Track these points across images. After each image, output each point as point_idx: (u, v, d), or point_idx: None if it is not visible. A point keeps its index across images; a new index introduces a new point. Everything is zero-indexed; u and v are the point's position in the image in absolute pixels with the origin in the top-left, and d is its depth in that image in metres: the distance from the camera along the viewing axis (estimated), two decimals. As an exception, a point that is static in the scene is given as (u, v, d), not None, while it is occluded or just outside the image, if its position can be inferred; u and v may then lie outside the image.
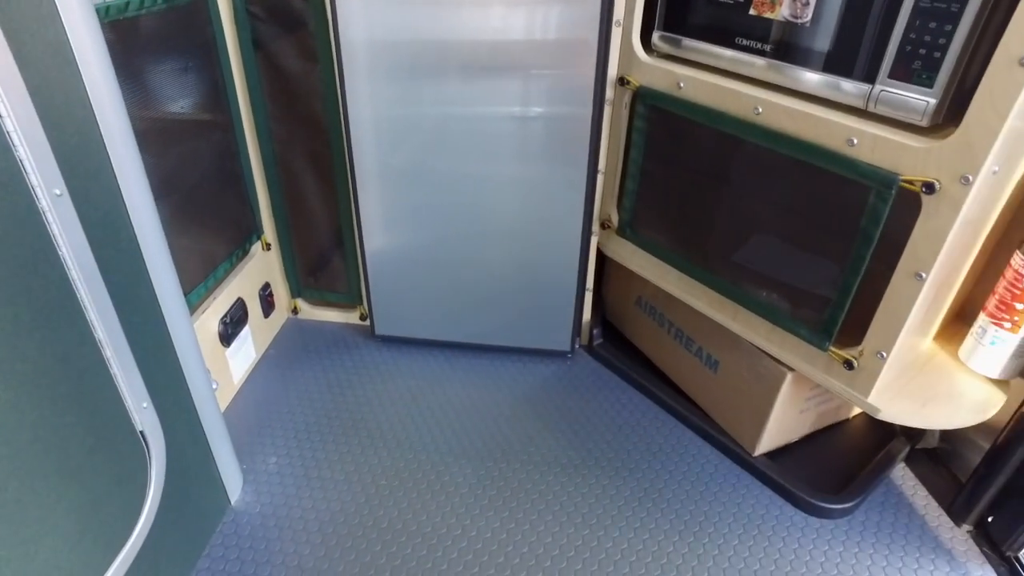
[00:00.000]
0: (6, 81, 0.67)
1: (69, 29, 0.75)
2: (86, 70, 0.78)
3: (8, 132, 0.68)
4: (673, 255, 1.31)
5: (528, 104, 1.27)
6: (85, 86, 0.78)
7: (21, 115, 0.69)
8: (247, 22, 1.30)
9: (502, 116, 1.28)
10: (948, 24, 0.84)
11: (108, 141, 0.82)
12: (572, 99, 1.26)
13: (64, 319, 0.78)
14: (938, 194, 0.89)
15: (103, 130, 0.82)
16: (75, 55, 0.76)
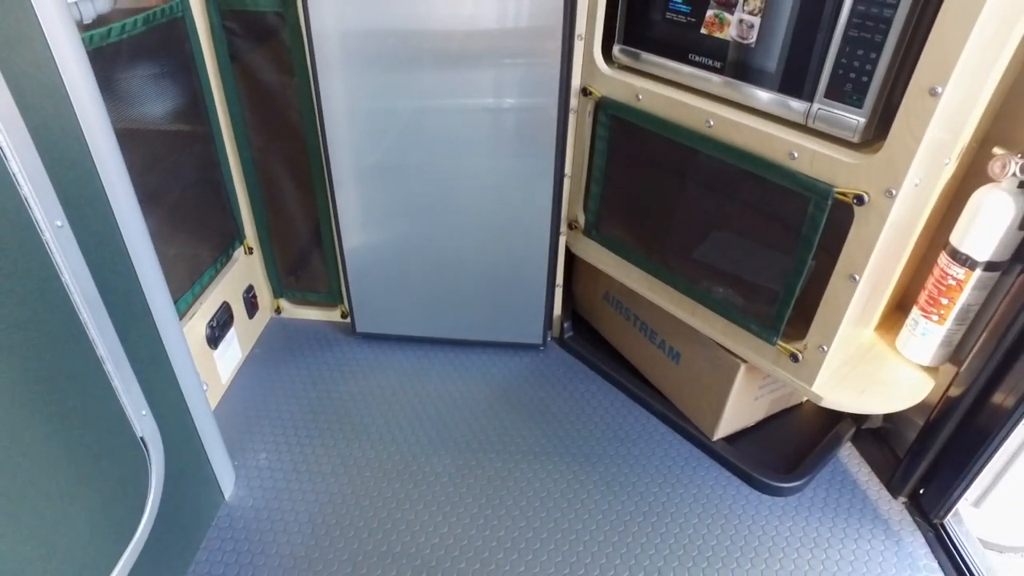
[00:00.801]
0: (10, 125, 0.73)
1: (63, 71, 0.81)
2: (80, 108, 0.83)
3: (13, 173, 0.74)
4: (636, 255, 1.39)
5: (497, 111, 1.33)
6: (80, 124, 0.84)
7: (24, 156, 0.75)
8: (224, 37, 1.34)
9: (473, 123, 1.35)
10: (873, 52, 0.93)
11: (102, 172, 0.88)
12: (538, 107, 1.33)
13: (69, 340, 0.84)
14: (867, 205, 0.98)
15: (97, 162, 0.87)
16: (70, 96, 0.82)
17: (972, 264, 1.08)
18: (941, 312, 1.15)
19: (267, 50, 1.37)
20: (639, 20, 1.22)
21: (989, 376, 1.16)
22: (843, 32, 0.95)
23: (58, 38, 0.79)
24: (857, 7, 0.92)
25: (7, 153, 0.73)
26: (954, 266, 1.10)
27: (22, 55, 0.74)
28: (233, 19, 1.33)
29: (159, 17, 1.20)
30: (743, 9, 1.06)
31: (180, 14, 1.26)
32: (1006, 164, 1.02)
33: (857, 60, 0.95)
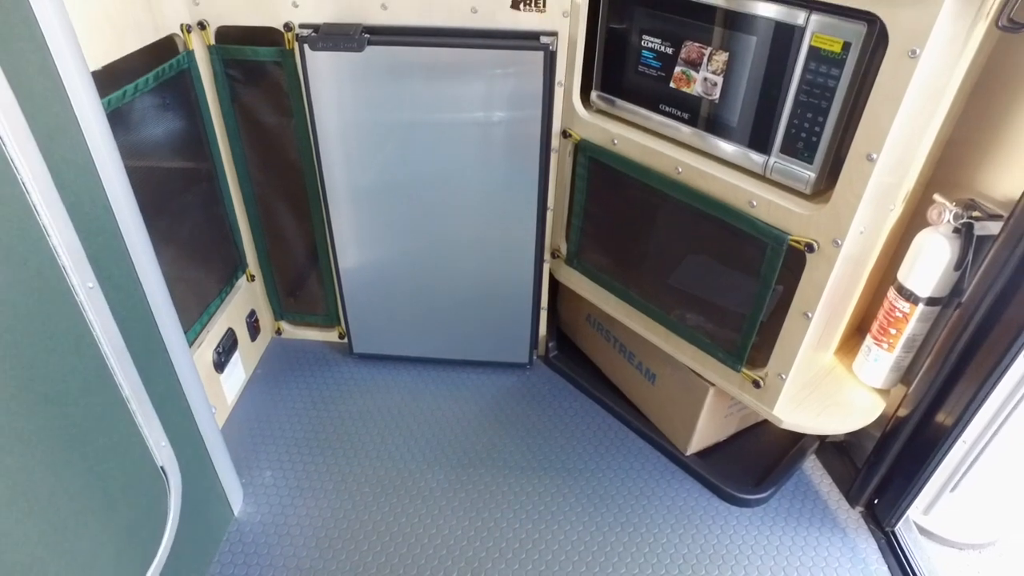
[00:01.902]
0: (52, 207, 0.82)
1: (94, 152, 0.90)
2: (107, 182, 0.93)
3: (54, 247, 0.83)
4: (614, 284, 1.50)
5: (484, 148, 1.43)
6: (107, 195, 0.93)
7: (62, 231, 0.84)
8: (226, 83, 1.43)
9: (462, 159, 1.44)
10: (820, 116, 1.03)
11: (126, 234, 0.98)
12: (522, 146, 1.42)
13: (99, 386, 0.94)
14: (817, 252, 1.09)
15: (122, 227, 0.97)
16: (99, 173, 0.91)
17: (915, 299, 1.20)
18: (890, 341, 1.26)
19: (266, 94, 1.45)
20: (614, 70, 1.31)
21: (933, 398, 1.27)
22: (794, 96, 1.05)
23: (90, 124, 0.89)
24: (805, 76, 1.03)
25: (49, 231, 0.82)
26: (900, 300, 1.22)
27: (62, 144, 0.83)
28: (235, 67, 1.42)
29: (168, 72, 1.29)
30: (707, 68, 1.16)
31: (187, 66, 1.35)
32: (942, 212, 1.13)
33: (807, 122, 1.06)
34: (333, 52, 1.31)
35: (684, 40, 1.17)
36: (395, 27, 1.33)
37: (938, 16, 0.85)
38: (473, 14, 1.30)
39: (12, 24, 0.76)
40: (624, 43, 1.26)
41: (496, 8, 1.30)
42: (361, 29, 1.30)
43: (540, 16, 1.30)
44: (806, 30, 1.00)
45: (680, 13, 1.15)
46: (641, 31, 1.23)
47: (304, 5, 1.32)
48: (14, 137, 0.76)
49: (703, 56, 1.15)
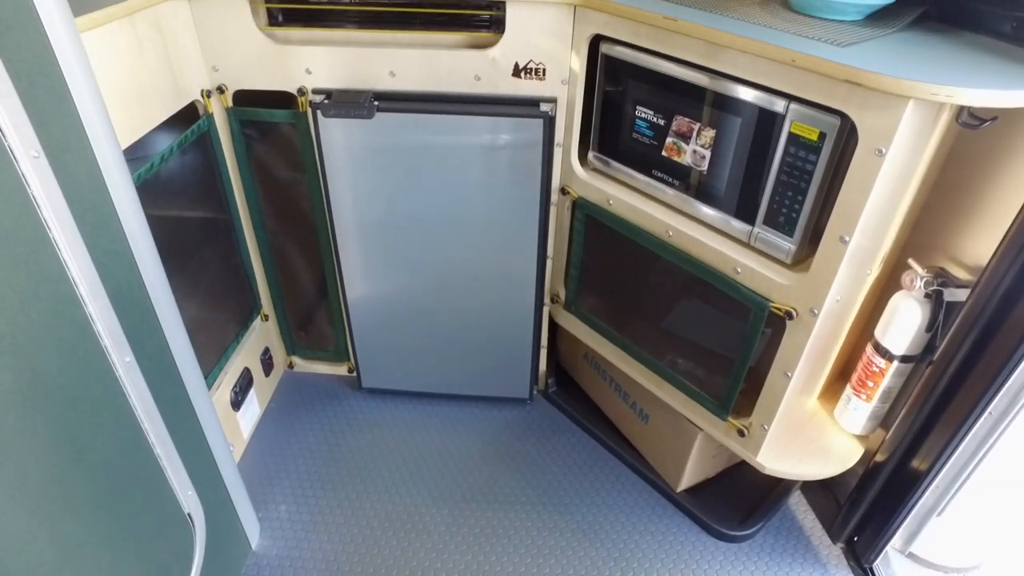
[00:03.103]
0: (96, 297, 0.91)
1: (132, 241, 0.98)
2: (143, 265, 1.01)
3: (98, 332, 0.92)
4: (609, 329, 1.58)
5: (488, 202, 1.50)
6: (142, 277, 1.01)
7: (105, 316, 0.93)
8: (243, 142, 1.51)
9: (466, 211, 1.52)
10: (800, 195, 1.11)
11: (159, 310, 1.06)
12: (523, 201, 1.50)
13: (135, 449, 1.03)
14: (796, 320, 1.17)
15: (155, 304, 1.05)
16: (136, 259, 0.99)
17: (891, 357, 1.28)
18: (868, 392, 1.34)
19: (281, 151, 1.54)
20: (610, 134, 1.39)
21: (908, 444, 1.35)
22: (776, 175, 1.13)
23: (127, 212, 0.97)
24: (786, 158, 1.11)
25: (94, 318, 0.91)
26: (877, 356, 1.30)
27: (104, 238, 0.92)
28: (251, 127, 1.50)
29: (190, 137, 1.37)
30: (696, 142, 1.24)
31: (207, 128, 1.43)
32: (914, 279, 1.21)
33: (787, 199, 1.14)
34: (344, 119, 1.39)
35: (675, 114, 1.25)
36: (403, 93, 1.41)
37: (901, 120, 0.93)
38: (476, 81, 1.38)
39: (62, 127, 0.84)
40: (619, 111, 1.34)
41: (498, 76, 1.37)
42: (371, 96, 1.38)
43: (540, 83, 1.38)
44: (786, 118, 1.08)
45: (670, 89, 1.23)
46: (635, 102, 1.30)
47: (317, 72, 1.40)
48: (65, 239, 0.85)
49: (692, 130, 1.23)
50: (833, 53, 0.98)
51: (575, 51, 1.33)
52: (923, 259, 1.25)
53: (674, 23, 1.13)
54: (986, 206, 1.18)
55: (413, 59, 1.37)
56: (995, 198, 1.18)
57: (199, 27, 1.36)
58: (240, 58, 1.40)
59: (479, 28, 1.39)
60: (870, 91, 0.93)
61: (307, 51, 1.38)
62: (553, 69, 1.36)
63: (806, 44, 1.01)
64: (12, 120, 0.76)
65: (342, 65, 1.39)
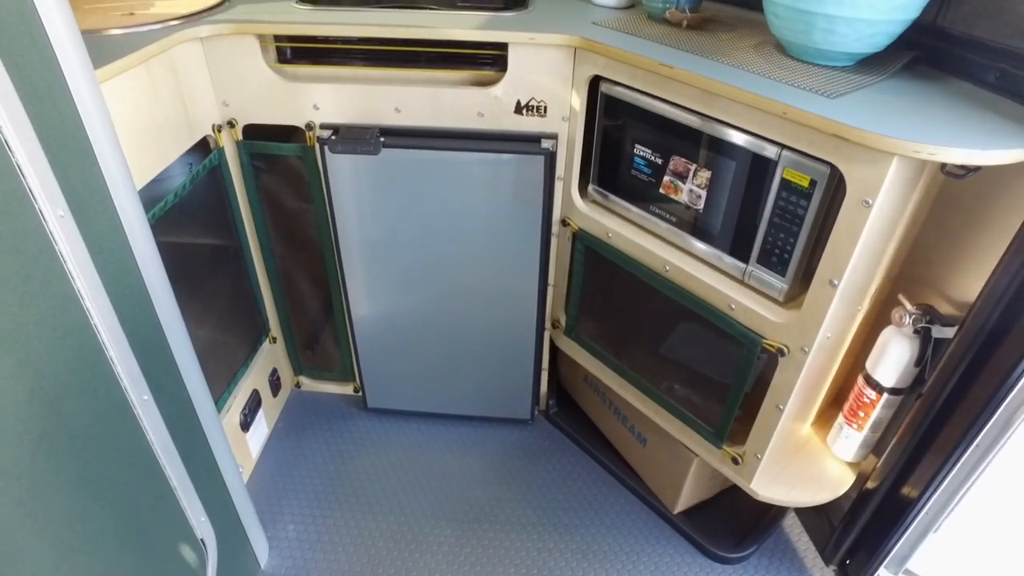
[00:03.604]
0: (117, 342, 0.95)
1: (148, 281, 1.03)
2: (159, 305, 1.06)
3: (119, 374, 0.96)
4: (608, 356, 1.62)
5: (490, 233, 1.54)
6: (159, 317, 1.06)
7: (125, 359, 0.97)
8: (252, 173, 1.56)
9: (470, 240, 1.56)
10: (791, 237, 1.15)
11: (174, 347, 1.11)
12: (525, 231, 1.54)
13: (152, 482, 1.07)
14: (787, 356, 1.21)
15: (170, 341, 1.10)
16: (153, 300, 1.04)
17: (881, 389, 1.32)
18: (859, 422, 1.38)
19: (289, 182, 1.58)
20: (609, 169, 1.43)
21: (899, 472, 1.39)
22: (769, 217, 1.17)
23: (144, 257, 1.01)
24: (778, 202, 1.15)
25: (115, 361, 0.95)
26: (868, 388, 1.33)
27: (124, 284, 0.96)
28: (260, 159, 1.54)
29: (202, 172, 1.41)
30: (692, 181, 1.28)
31: (217, 162, 1.47)
32: (903, 316, 1.24)
33: (780, 240, 1.17)
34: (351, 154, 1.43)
35: (672, 154, 1.29)
36: (408, 128, 1.45)
37: (887, 174, 0.97)
38: (480, 117, 1.43)
39: (85, 185, 0.88)
40: (619, 148, 1.38)
41: (501, 113, 1.42)
42: (377, 132, 1.43)
43: (541, 120, 1.42)
44: (778, 164, 1.12)
45: (668, 130, 1.27)
46: (634, 140, 1.34)
47: (324, 107, 1.45)
48: (89, 290, 0.89)
49: (689, 170, 1.27)
50: (823, 106, 1.02)
51: (575, 90, 1.37)
52: (913, 294, 1.29)
53: (670, 70, 1.17)
54: (973, 245, 1.22)
55: (418, 96, 1.41)
56: (982, 238, 1.21)
57: (211, 65, 1.40)
58: (250, 94, 1.44)
59: (482, 67, 1.43)
60: (857, 146, 0.97)
61: (315, 87, 1.43)
62: (554, 106, 1.40)
63: (797, 96, 1.05)
64: (42, 183, 0.80)
65: (349, 101, 1.43)
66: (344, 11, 1.45)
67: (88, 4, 1.40)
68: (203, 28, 1.34)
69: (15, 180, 0.76)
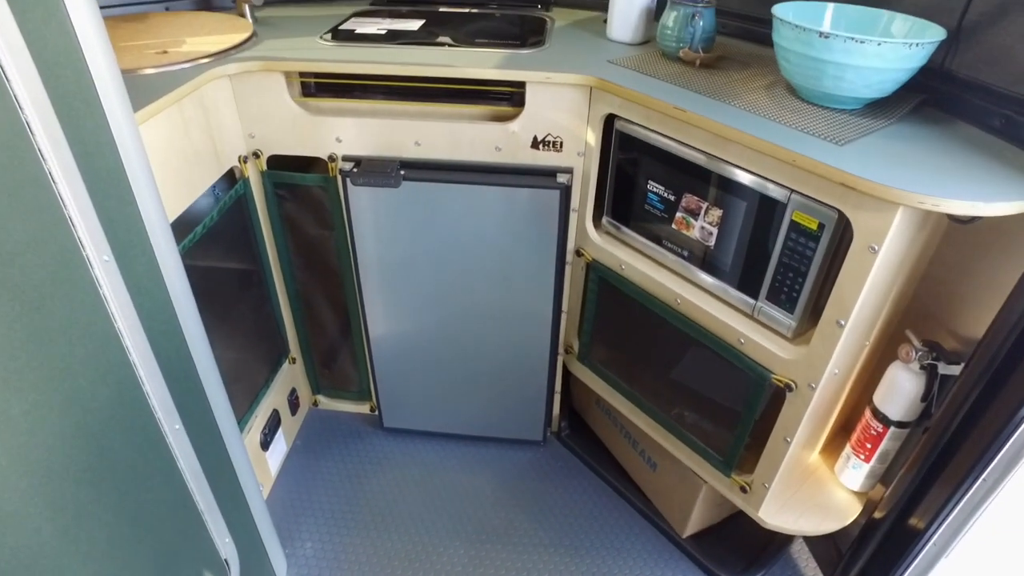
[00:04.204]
0: (149, 369, 1.00)
1: (180, 314, 1.08)
2: (190, 338, 1.10)
3: (153, 407, 1.01)
4: (619, 382, 1.65)
5: (506, 261, 1.59)
6: (189, 348, 1.11)
7: (158, 389, 1.02)
8: (276, 202, 1.61)
9: (488, 265, 1.61)
10: (800, 277, 1.19)
11: (203, 378, 1.15)
12: (540, 260, 1.58)
13: (182, 507, 1.12)
14: (795, 392, 1.24)
15: (200, 372, 1.14)
16: (184, 333, 1.09)
17: (887, 422, 1.34)
18: (866, 453, 1.41)
19: (311, 210, 1.63)
20: (623, 203, 1.47)
21: (906, 503, 1.42)
22: (778, 257, 1.21)
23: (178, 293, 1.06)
24: (787, 243, 1.18)
25: (149, 392, 1.00)
26: (875, 420, 1.36)
27: (160, 321, 1.01)
28: (284, 188, 1.59)
29: (228, 202, 1.47)
30: (704, 218, 1.31)
31: (243, 192, 1.53)
32: (909, 352, 1.27)
33: (788, 279, 1.21)
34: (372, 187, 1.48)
35: (684, 191, 1.32)
36: (427, 161, 1.50)
37: (893, 222, 1.00)
38: (497, 151, 1.47)
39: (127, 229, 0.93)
40: (632, 183, 1.42)
41: (518, 148, 1.46)
42: (397, 165, 1.47)
43: (557, 155, 1.46)
44: (787, 206, 1.15)
45: (680, 169, 1.31)
46: (647, 176, 1.38)
47: (346, 140, 1.50)
48: (128, 329, 0.94)
49: (701, 208, 1.31)
50: (831, 154, 1.05)
51: (591, 127, 1.41)
52: (921, 328, 1.32)
53: (683, 114, 1.21)
54: (980, 283, 1.25)
55: (437, 130, 1.46)
56: (989, 276, 1.24)
57: (238, 99, 1.46)
58: (275, 126, 1.49)
59: (500, 102, 1.48)
60: (864, 194, 1.01)
61: (337, 121, 1.48)
62: (570, 142, 1.44)
63: (806, 143, 1.09)
64: (89, 232, 0.85)
65: (370, 134, 1.48)
66: (367, 47, 1.50)
67: (123, 42, 1.46)
68: (232, 66, 1.40)
69: (67, 232, 0.82)
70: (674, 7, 1.41)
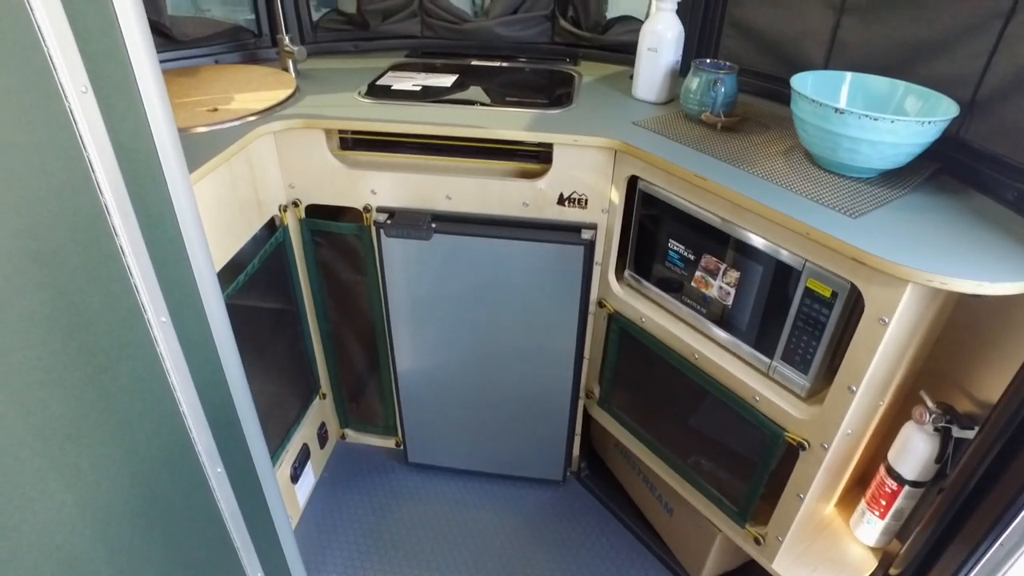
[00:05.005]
0: (196, 418, 1.08)
1: (224, 363, 1.15)
2: (233, 387, 1.18)
3: (199, 453, 1.09)
4: (638, 429, 1.70)
5: (531, 309, 1.65)
6: (232, 396, 1.18)
7: (203, 436, 1.09)
8: (312, 247, 1.69)
9: (510, 316, 1.67)
10: (814, 341, 1.23)
11: (244, 425, 1.23)
12: (564, 310, 1.64)
13: (222, 545, 1.19)
14: (808, 451, 1.28)
15: (241, 418, 1.22)
16: (228, 382, 1.16)
17: (902, 481, 1.37)
18: (881, 510, 1.43)
19: (345, 257, 1.71)
20: (645, 259, 1.53)
21: (921, 561, 1.43)
22: (793, 320, 1.25)
23: (223, 343, 1.14)
24: (802, 308, 1.22)
25: (196, 439, 1.08)
26: (889, 479, 1.39)
27: (206, 371, 1.09)
28: (321, 236, 1.68)
29: (269, 250, 1.55)
30: (722, 279, 1.36)
31: (283, 239, 1.62)
32: (923, 414, 1.30)
33: (803, 342, 1.25)
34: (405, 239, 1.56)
35: (704, 252, 1.38)
36: (458, 214, 1.57)
37: (903, 297, 1.04)
38: (525, 207, 1.54)
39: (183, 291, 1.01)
40: (654, 240, 1.48)
41: (544, 204, 1.53)
42: (429, 218, 1.55)
43: (582, 211, 1.53)
44: (802, 273, 1.20)
45: (700, 231, 1.36)
46: (668, 235, 1.44)
47: (381, 192, 1.58)
48: (181, 388, 1.02)
49: (719, 269, 1.36)
50: (844, 228, 1.10)
51: (615, 186, 1.48)
52: (936, 388, 1.34)
53: (703, 181, 1.26)
54: (996, 347, 1.27)
55: (468, 185, 1.53)
56: (1005, 342, 1.27)
57: (281, 153, 1.55)
58: (314, 177, 1.58)
59: (528, 159, 1.55)
60: (874, 270, 1.05)
61: (373, 174, 1.56)
62: (594, 199, 1.50)
63: (820, 215, 1.13)
64: (150, 296, 0.93)
65: (404, 187, 1.56)
66: (402, 105, 1.58)
67: (177, 98, 1.56)
68: (277, 123, 1.49)
69: (133, 298, 0.90)
70: (697, 72, 1.48)
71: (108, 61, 0.80)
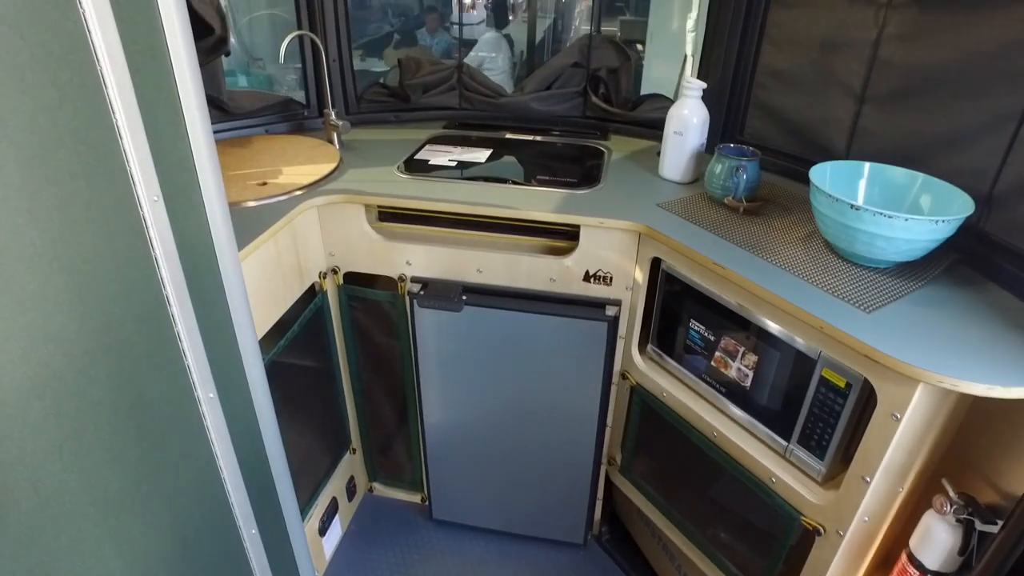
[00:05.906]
0: (235, 484, 1.15)
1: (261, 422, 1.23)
2: (269, 447, 1.25)
3: (237, 517, 1.16)
4: (658, 500, 1.72)
5: (556, 378, 1.70)
6: (268, 456, 1.26)
7: (240, 498, 1.17)
8: (348, 311, 1.78)
9: (536, 384, 1.72)
10: (829, 428, 1.25)
11: (278, 485, 1.30)
12: (588, 380, 1.69)
13: (249, 606, 1.25)
14: (823, 537, 1.29)
15: (275, 478, 1.29)
16: (264, 442, 1.24)
17: (924, 570, 1.36)
18: (901, 597, 1.42)
19: (379, 321, 1.80)
20: (667, 335, 1.57)
21: (944, 652, 1.41)
22: (809, 407, 1.28)
23: (263, 408, 1.22)
24: (817, 395, 1.25)
25: (233, 501, 1.15)
26: (911, 567, 1.38)
27: (245, 438, 1.16)
28: (357, 301, 1.77)
29: (309, 314, 1.65)
30: (741, 361, 1.40)
31: (321, 304, 1.71)
32: (944, 504, 1.30)
33: (819, 428, 1.27)
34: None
35: (723, 334, 1.42)
36: (487, 287, 1.64)
37: (915, 396, 1.07)
38: (552, 282, 1.61)
39: (229, 367, 1.10)
40: (676, 319, 1.52)
41: (571, 280, 1.59)
42: (460, 290, 1.63)
43: (607, 288, 1.59)
44: (817, 363, 1.23)
45: (720, 314, 1.40)
46: (689, 315, 1.48)
47: (416, 262, 1.66)
48: (224, 460, 1.09)
49: (738, 351, 1.40)
50: (858, 323, 1.13)
51: (639, 266, 1.53)
52: (959, 477, 1.34)
53: (722, 270, 1.32)
54: (1020, 439, 1.27)
55: (498, 259, 1.61)
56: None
57: (323, 224, 1.65)
58: (352, 247, 1.68)
59: (556, 237, 1.62)
60: (886, 367, 1.08)
61: (409, 246, 1.65)
62: (619, 277, 1.56)
63: (835, 309, 1.17)
64: (199, 374, 1.02)
65: (437, 259, 1.65)
66: (438, 182, 1.68)
67: (229, 171, 1.69)
68: (320, 198, 1.60)
69: (186, 378, 0.98)
70: (721, 159, 1.54)
71: (178, 172, 0.91)
